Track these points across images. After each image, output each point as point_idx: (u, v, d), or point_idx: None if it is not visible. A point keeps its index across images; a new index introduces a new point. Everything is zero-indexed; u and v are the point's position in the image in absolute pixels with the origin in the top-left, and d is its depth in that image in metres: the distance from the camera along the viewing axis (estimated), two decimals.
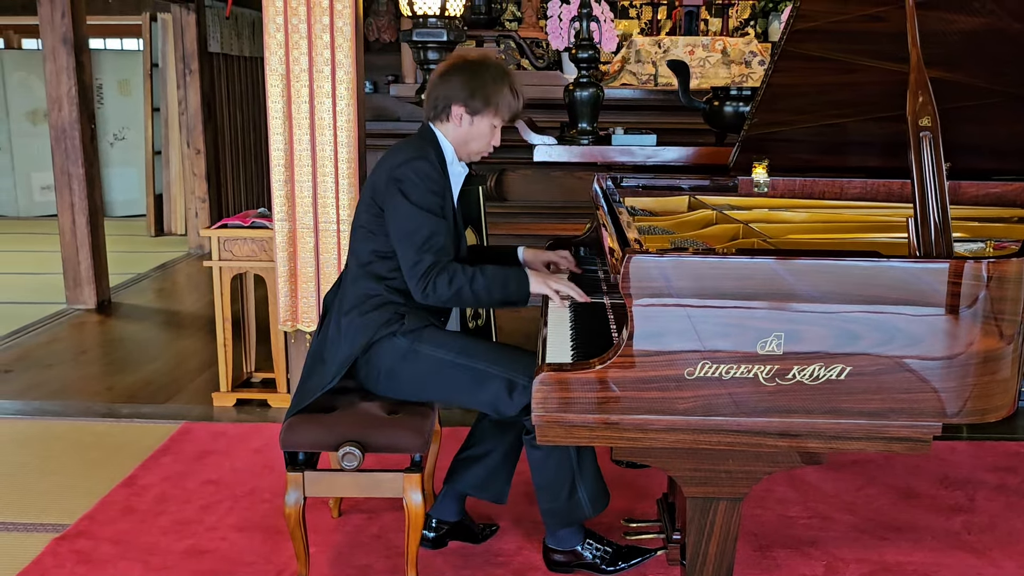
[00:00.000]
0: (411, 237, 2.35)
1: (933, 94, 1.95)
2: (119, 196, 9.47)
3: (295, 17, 3.40)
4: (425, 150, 2.43)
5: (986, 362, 1.79)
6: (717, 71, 6.14)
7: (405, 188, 2.35)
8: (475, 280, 2.33)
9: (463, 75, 2.42)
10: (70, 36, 5.39)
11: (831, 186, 3.08)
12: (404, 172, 2.37)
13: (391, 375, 2.43)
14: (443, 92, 2.44)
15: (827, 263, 1.77)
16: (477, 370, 2.35)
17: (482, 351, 2.40)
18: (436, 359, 2.39)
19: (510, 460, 2.64)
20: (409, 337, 2.41)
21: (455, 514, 2.75)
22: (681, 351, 1.77)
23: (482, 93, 2.42)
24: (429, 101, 2.49)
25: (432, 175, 2.38)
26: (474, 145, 2.51)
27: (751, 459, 1.86)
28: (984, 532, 2.88)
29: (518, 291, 2.39)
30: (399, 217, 2.36)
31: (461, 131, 2.47)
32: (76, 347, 4.91)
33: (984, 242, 2.47)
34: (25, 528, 2.90)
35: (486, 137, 2.50)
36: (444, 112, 2.45)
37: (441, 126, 2.49)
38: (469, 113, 2.44)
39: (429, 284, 2.32)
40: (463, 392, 2.40)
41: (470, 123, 2.46)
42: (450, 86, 2.43)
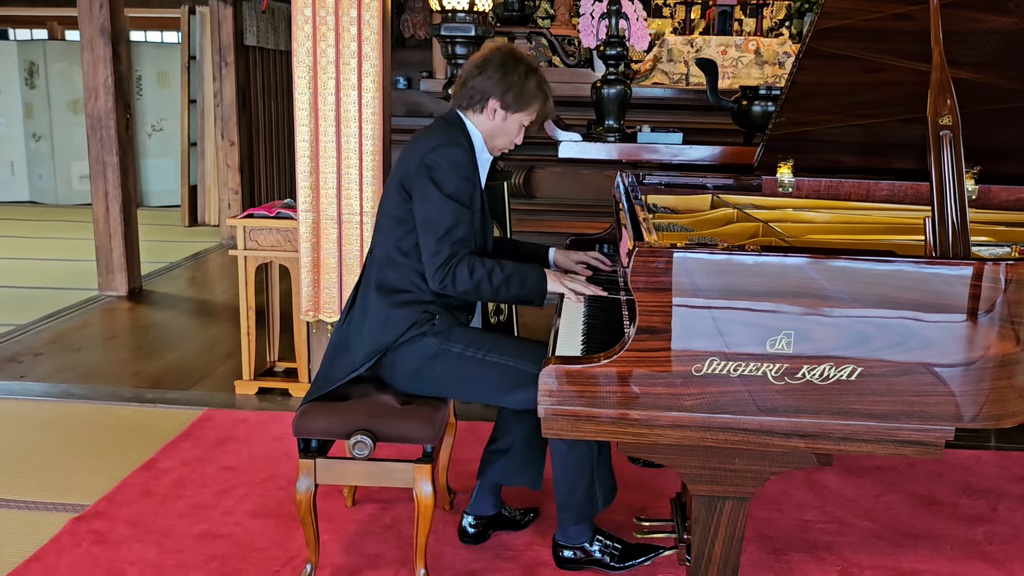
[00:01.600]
0: (435, 225, 2.34)
1: (962, 96, 1.91)
2: (155, 187, 9.61)
3: (323, 9, 3.42)
4: (456, 137, 2.43)
5: (1002, 366, 1.76)
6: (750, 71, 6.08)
7: (436, 175, 2.35)
8: (494, 274, 2.34)
9: (503, 71, 2.42)
10: (107, 27, 5.47)
11: (857, 188, 3.04)
12: (435, 158, 2.36)
13: (416, 375, 2.44)
14: (481, 85, 2.44)
15: (838, 262, 1.74)
16: (507, 367, 2.36)
17: (511, 347, 2.41)
18: (466, 358, 2.40)
19: (537, 446, 2.63)
20: (439, 337, 2.42)
21: (492, 507, 2.75)
22: (689, 347, 1.76)
23: (519, 92, 2.43)
24: (464, 91, 2.47)
25: (464, 162, 2.39)
26: (500, 140, 2.52)
27: (758, 458, 1.84)
28: (1006, 543, 2.82)
29: (536, 289, 2.41)
30: (426, 204, 2.36)
31: (492, 124, 2.47)
32: (105, 332, 4.99)
33: (1010, 247, 2.42)
34: (46, 507, 2.95)
35: (513, 134, 2.51)
36: (479, 104, 2.45)
37: (472, 116, 2.48)
38: (503, 109, 2.44)
39: (448, 274, 2.32)
40: (491, 390, 2.41)
41: (503, 119, 2.46)
42: (489, 80, 2.43)
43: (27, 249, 7.37)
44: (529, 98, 2.44)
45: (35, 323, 5.10)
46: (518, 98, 2.43)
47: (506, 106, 2.44)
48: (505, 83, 2.41)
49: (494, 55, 2.46)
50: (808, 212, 2.84)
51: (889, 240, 2.43)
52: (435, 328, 2.42)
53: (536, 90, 2.45)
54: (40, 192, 9.69)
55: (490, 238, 2.58)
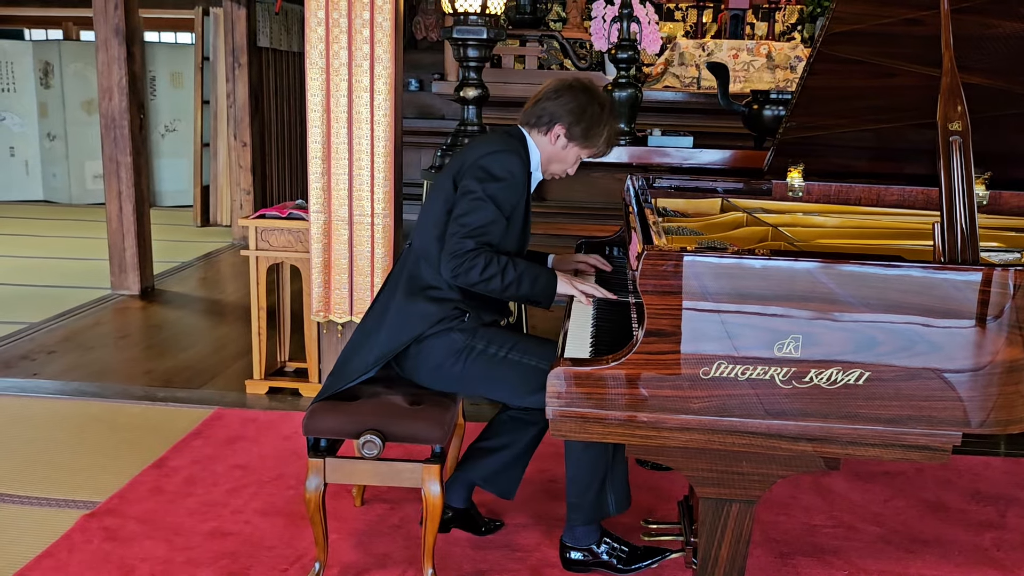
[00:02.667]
0: (467, 219, 2.36)
1: (972, 101, 1.92)
2: (168, 187, 9.66)
3: (336, 11, 3.44)
4: (516, 148, 2.47)
5: (1010, 372, 1.76)
6: (761, 75, 6.08)
7: (485, 177, 2.38)
8: (507, 272, 2.35)
9: (578, 101, 2.45)
10: (122, 27, 5.51)
11: (867, 192, 3.04)
12: (490, 162, 2.40)
13: (439, 370, 2.47)
14: (552, 108, 2.47)
15: (848, 266, 1.75)
16: (529, 367, 2.39)
17: (532, 347, 2.44)
18: (489, 355, 2.43)
19: (523, 458, 2.66)
20: (466, 334, 2.44)
21: (463, 501, 2.77)
22: (697, 350, 1.77)
23: (588, 127, 2.46)
24: (535, 110, 2.51)
25: (517, 174, 2.42)
26: (555, 167, 2.56)
27: (765, 461, 1.84)
28: (1014, 550, 2.82)
29: (545, 290, 2.43)
30: (467, 200, 2.38)
31: (552, 149, 2.51)
32: (118, 331, 5.02)
33: (1020, 252, 2.42)
34: (57, 504, 2.97)
35: (568, 163, 2.55)
36: (546, 126, 2.48)
37: (536, 136, 2.52)
38: (567, 137, 2.48)
39: (463, 265, 2.33)
40: (512, 389, 2.44)
41: (564, 146, 2.50)
42: (561, 106, 2.46)
43: (41, 248, 7.42)
44: (595, 136, 2.48)
45: (48, 321, 5.14)
46: (585, 132, 2.47)
47: (571, 136, 2.47)
48: (576, 114, 2.45)
49: (576, 84, 2.49)
50: (817, 216, 2.84)
51: (899, 245, 2.43)
52: (464, 324, 2.45)
53: (603, 131, 2.49)
54: (54, 191, 9.76)
55: (523, 252, 2.59)
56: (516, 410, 2.64)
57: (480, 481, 2.70)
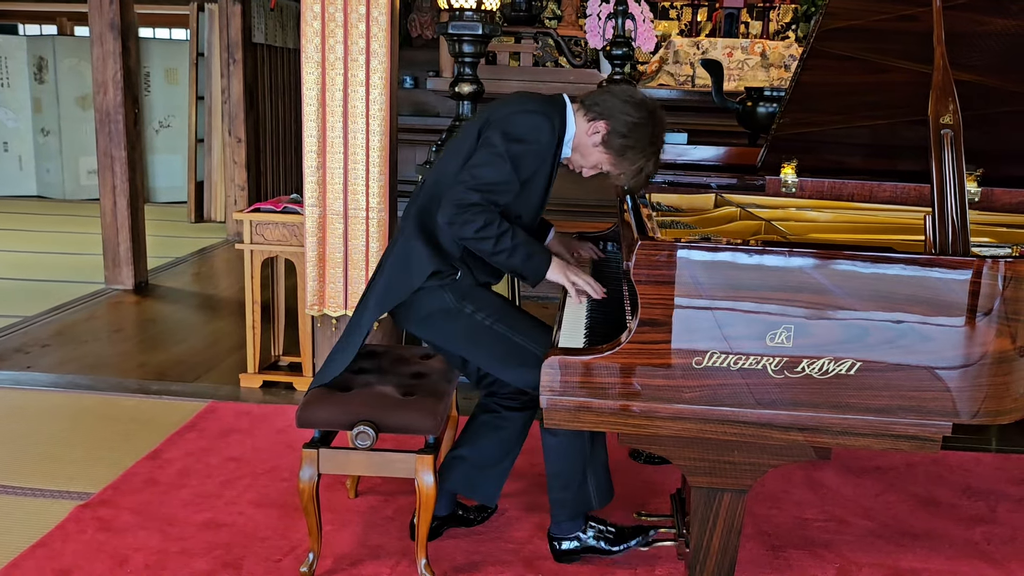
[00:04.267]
0: (481, 171, 2.26)
1: (965, 98, 1.93)
2: (163, 182, 9.64)
3: (332, 6, 3.45)
4: (552, 114, 2.34)
5: (999, 363, 1.78)
6: (756, 74, 6.10)
7: (509, 133, 2.27)
8: (503, 239, 2.26)
9: (638, 118, 2.33)
10: (117, 22, 5.50)
11: (861, 189, 3.06)
12: (520, 120, 2.29)
13: (427, 321, 2.44)
14: (611, 104, 2.35)
15: (839, 259, 1.76)
16: (513, 342, 2.36)
17: (521, 324, 2.40)
18: (476, 321, 2.40)
19: (502, 461, 2.62)
20: (456, 295, 2.40)
21: (446, 508, 2.72)
22: (690, 340, 1.78)
23: (630, 144, 2.34)
24: (595, 96, 2.38)
25: (544, 137, 2.30)
26: (577, 158, 2.43)
27: (757, 451, 1.86)
28: (1004, 543, 2.84)
29: (536, 268, 2.33)
30: (487, 151, 2.28)
31: (584, 138, 2.38)
32: (112, 325, 5.02)
33: (1011, 248, 2.44)
34: (52, 495, 2.97)
35: (588, 164, 2.43)
36: (595, 115, 2.36)
37: (579, 115, 2.39)
38: (603, 139, 2.36)
39: (462, 216, 2.23)
40: (493, 359, 2.42)
41: (594, 144, 2.37)
42: (621, 109, 2.34)
43: (35, 243, 7.41)
44: (628, 158, 2.36)
45: (42, 315, 5.13)
46: (622, 148, 2.34)
47: (608, 141, 2.35)
48: (628, 126, 2.32)
49: (647, 104, 2.36)
50: (810, 212, 2.86)
51: (891, 239, 2.45)
52: (455, 284, 2.40)
53: (639, 159, 2.36)
54: (48, 186, 9.73)
55: (533, 222, 2.51)
56: (490, 415, 2.62)
57: (464, 491, 2.66)
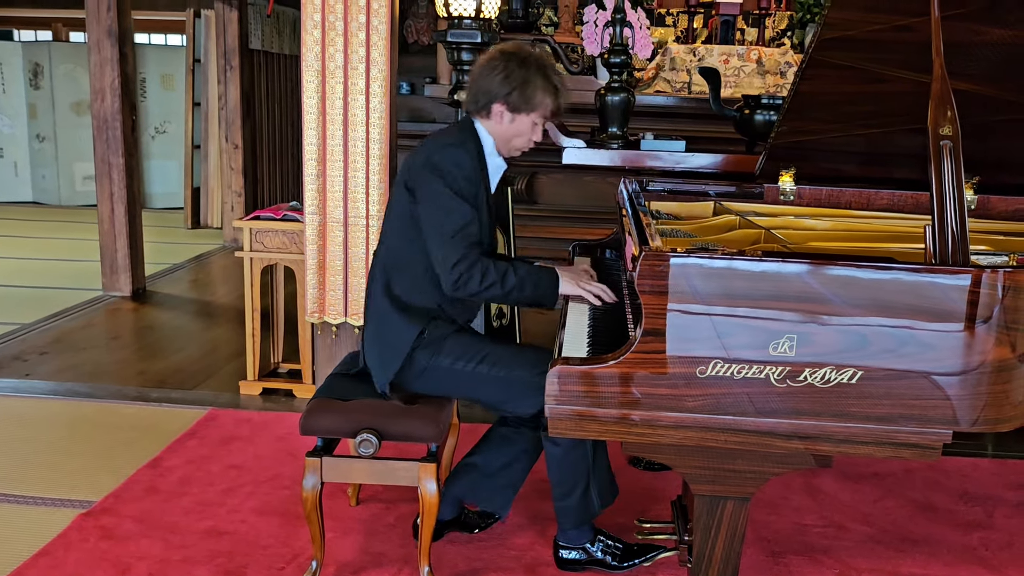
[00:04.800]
0: (443, 224, 2.32)
1: (961, 107, 1.95)
2: (159, 188, 9.63)
3: (332, 15, 3.46)
4: (464, 140, 2.42)
5: (999, 372, 1.80)
6: (752, 81, 6.13)
7: (442, 175, 2.34)
8: (507, 278, 2.32)
9: (504, 72, 2.37)
10: (115, 28, 5.51)
11: (858, 196, 3.08)
12: (441, 158, 2.36)
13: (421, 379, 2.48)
14: (484, 88, 2.41)
15: (840, 268, 1.78)
16: (500, 378, 2.38)
17: (504, 357, 2.41)
18: (455, 371, 2.42)
19: (517, 474, 2.63)
20: (428, 351, 2.42)
21: (451, 513, 2.75)
22: (693, 349, 1.79)
23: (522, 92, 2.37)
24: (470, 95, 2.47)
25: (466, 164, 2.38)
26: (516, 142, 2.49)
27: (759, 459, 1.88)
28: (1002, 549, 2.86)
29: (548, 291, 2.39)
30: (435, 202, 2.34)
31: (501, 128, 2.45)
32: (110, 332, 5.02)
33: (1008, 256, 2.46)
34: (53, 503, 2.98)
35: (527, 134, 2.47)
36: (485, 109, 2.43)
37: (482, 120, 2.47)
38: (510, 111, 2.41)
39: (461, 277, 2.30)
40: (491, 399, 2.46)
41: (511, 120, 2.43)
42: (491, 82, 2.39)
43: (31, 249, 7.40)
44: (533, 96, 2.38)
45: (40, 322, 5.13)
46: (523, 98, 2.38)
47: (513, 108, 2.40)
48: (508, 84, 2.37)
49: (495, 56, 2.42)
50: (809, 220, 2.87)
51: (889, 248, 2.47)
52: (424, 342, 2.42)
53: (542, 87, 2.39)
54: (43, 193, 9.72)
55: (494, 242, 2.59)
56: (507, 428, 2.64)
57: (473, 499, 2.68)
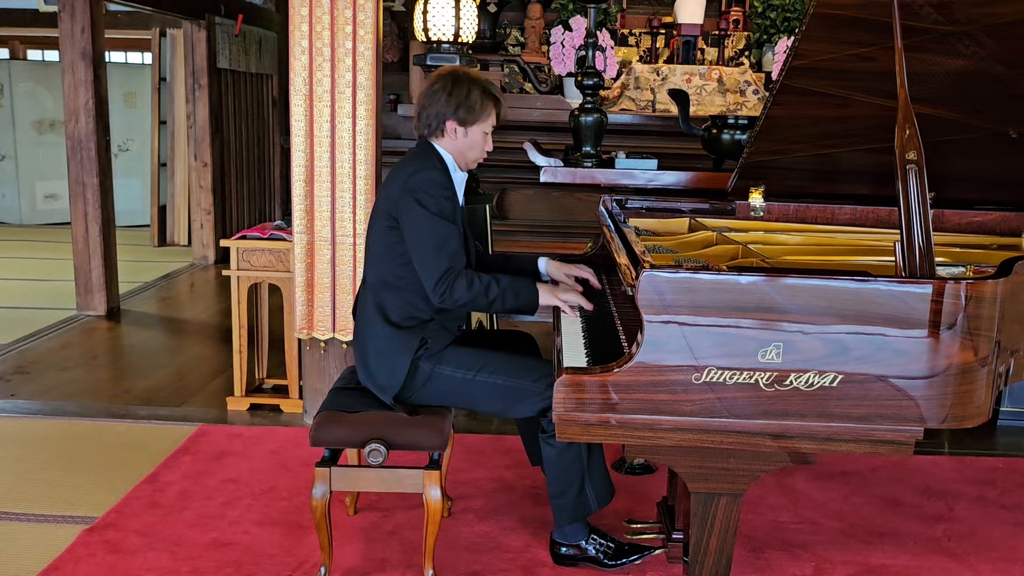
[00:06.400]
0: (427, 243, 2.53)
1: (922, 128, 2.14)
2: (121, 206, 9.48)
3: (319, 41, 3.58)
4: (431, 161, 2.64)
5: (964, 373, 1.98)
6: (713, 99, 6.36)
7: (420, 197, 2.54)
8: (490, 289, 2.53)
9: (446, 92, 2.61)
10: (89, 51, 5.56)
11: (823, 212, 3.28)
12: (416, 182, 2.56)
13: (424, 391, 2.63)
14: (434, 111, 2.64)
15: (823, 282, 1.95)
16: (496, 385, 2.57)
17: (499, 364, 2.60)
18: (457, 379, 2.60)
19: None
20: (431, 361, 2.61)
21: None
22: (689, 357, 1.95)
23: (468, 106, 2.61)
24: (422, 120, 2.68)
25: (442, 183, 2.60)
26: (471, 154, 2.71)
27: (750, 458, 2.04)
28: (963, 539, 3.06)
29: (528, 301, 2.60)
30: (416, 224, 2.55)
31: (457, 143, 2.67)
32: (89, 352, 5.05)
33: (965, 267, 2.67)
34: (55, 520, 3.04)
35: (480, 145, 2.70)
36: (439, 129, 2.66)
37: (438, 141, 2.69)
38: (461, 125, 2.64)
39: (447, 289, 2.51)
40: (491, 406, 2.65)
41: (464, 134, 2.66)
42: (438, 104, 2.63)
43: None
44: (479, 108, 2.63)
45: (17, 342, 5.14)
46: (470, 111, 2.62)
47: (462, 122, 2.63)
48: (453, 102, 2.61)
49: (436, 81, 2.66)
50: (780, 235, 3.06)
51: (859, 260, 2.66)
52: (428, 352, 2.61)
53: (483, 98, 2.63)
54: (4, 212, 9.63)
55: (472, 252, 2.77)
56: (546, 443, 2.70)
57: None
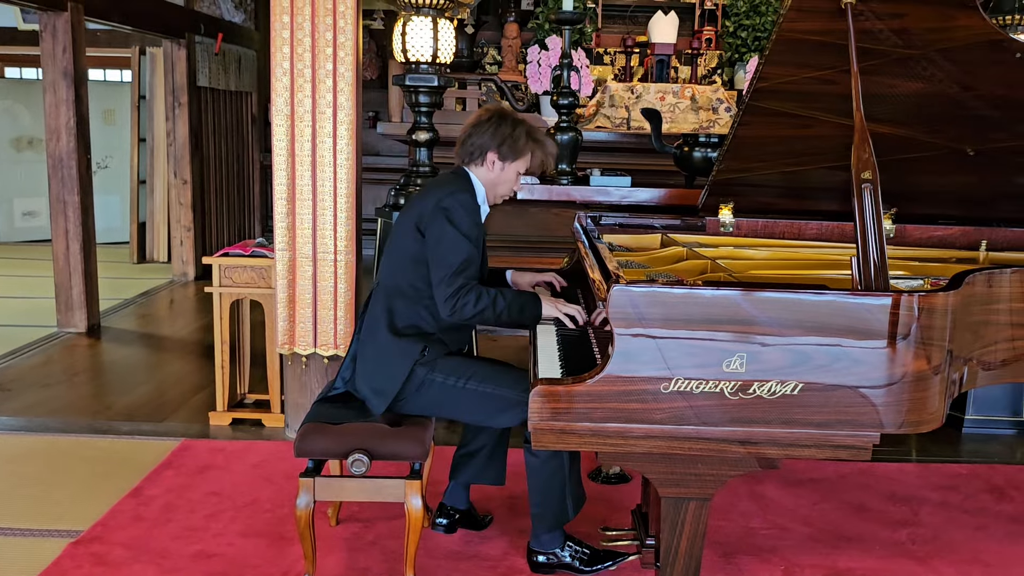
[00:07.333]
0: (449, 259, 2.64)
1: (880, 147, 2.26)
2: (101, 223, 9.46)
3: (300, 62, 3.67)
4: (467, 185, 2.78)
5: (918, 381, 2.09)
6: (686, 116, 6.50)
7: (452, 216, 2.67)
8: (497, 302, 2.65)
9: (495, 127, 2.77)
10: (71, 70, 5.61)
11: (790, 227, 3.40)
12: (451, 203, 2.69)
13: (412, 398, 2.74)
14: (479, 141, 2.79)
15: (783, 295, 2.06)
16: (484, 393, 2.68)
17: (489, 374, 2.72)
18: (447, 387, 2.71)
19: (500, 448, 3.02)
20: (426, 367, 2.71)
21: (464, 502, 3.13)
22: (658, 368, 2.05)
23: (512, 143, 2.77)
24: (465, 147, 2.82)
25: (474, 208, 2.74)
26: (501, 188, 2.86)
27: (717, 463, 2.13)
28: (927, 543, 3.17)
29: (532, 313, 2.73)
30: (443, 241, 2.66)
31: (492, 175, 2.82)
32: (70, 368, 5.08)
33: (923, 279, 2.79)
34: (41, 534, 3.08)
35: (512, 182, 2.86)
36: (480, 158, 2.80)
37: (475, 169, 2.82)
38: (500, 159, 2.79)
39: (458, 302, 2.61)
40: (471, 413, 2.75)
41: (501, 168, 2.81)
42: (485, 135, 2.78)
43: None
44: (521, 147, 2.79)
45: None
46: (511, 149, 2.77)
47: (503, 157, 2.78)
48: (499, 137, 2.76)
49: (486, 115, 2.81)
50: (748, 250, 3.18)
51: (823, 274, 2.78)
52: (424, 359, 2.71)
53: (526, 140, 2.79)
54: None
55: (485, 273, 2.90)
56: None
57: (474, 480, 3.03)
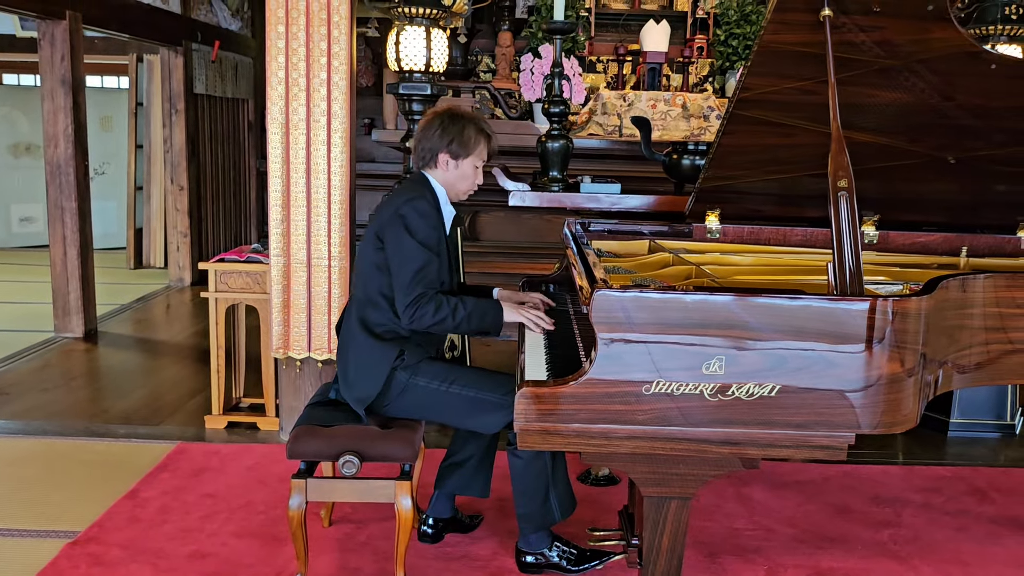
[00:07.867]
0: (407, 267, 2.70)
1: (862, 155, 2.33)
2: (97, 229, 9.53)
3: (295, 72, 3.74)
4: (423, 191, 2.82)
5: (892, 383, 2.15)
6: (678, 124, 6.58)
7: (409, 224, 2.72)
8: (457, 310, 2.70)
9: (442, 127, 2.83)
10: (68, 77, 5.68)
11: (775, 233, 3.46)
12: (407, 209, 2.74)
13: (395, 403, 2.78)
14: (427, 144, 2.85)
15: (761, 299, 2.12)
16: (467, 397, 2.72)
17: (473, 379, 2.76)
18: (431, 390, 2.75)
19: (487, 460, 3.04)
20: (408, 372, 2.75)
21: (448, 511, 3.14)
22: (640, 371, 2.11)
23: (460, 140, 2.82)
24: (417, 153, 2.89)
25: (431, 213, 2.78)
26: (461, 185, 2.90)
27: (698, 463, 2.20)
28: (908, 543, 3.24)
29: (494, 320, 2.78)
30: (400, 249, 2.72)
31: (448, 175, 2.86)
32: (67, 373, 5.13)
33: (902, 285, 2.85)
34: (38, 535, 3.14)
35: (471, 177, 2.89)
36: (432, 160, 2.85)
37: (431, 172, 2.87)
38: (453, 158, 2.83)
39: (417, 310, 2.67)
40: (455, 416, 2.79)
41: (456, 166, 2.85)
42: (433, 138, 2.83)
43: None
44: (470, 142, 2.83)
45: None
46: (461, 145, 2.82)
47: (454, 155, 2.83)
48: (446, 137, 2.81)
49: (432, 117, 2.87)
50: (734, 256, 3.24)
51: (805, 280, 2.84)
52: (404, 363, 2.75)
53: (475, 134, 2.84)
54: None
55: (455, 279, 2.94)
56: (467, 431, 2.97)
57: (459, 491, 3.05)
